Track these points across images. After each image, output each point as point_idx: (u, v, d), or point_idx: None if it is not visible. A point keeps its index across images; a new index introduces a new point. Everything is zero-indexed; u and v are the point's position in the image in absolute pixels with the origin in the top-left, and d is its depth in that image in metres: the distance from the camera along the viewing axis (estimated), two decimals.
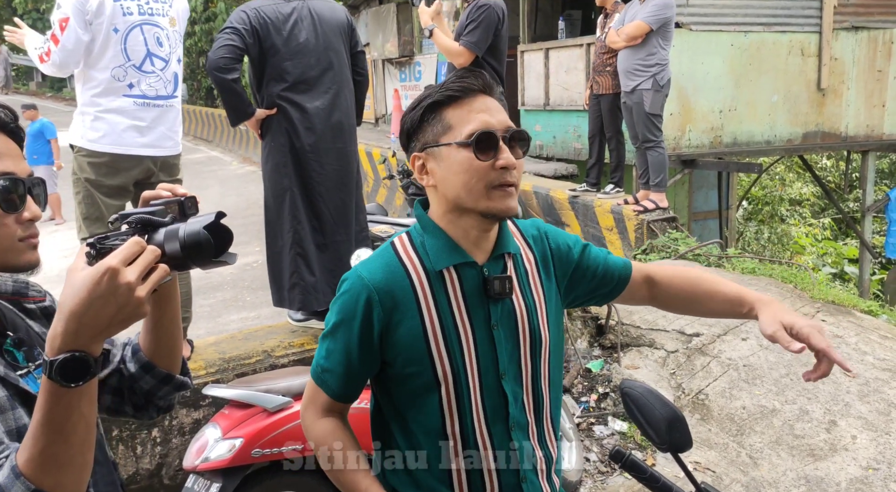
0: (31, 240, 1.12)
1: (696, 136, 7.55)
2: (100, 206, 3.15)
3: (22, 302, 1.22)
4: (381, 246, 1.44)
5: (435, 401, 1.35)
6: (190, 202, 1.10)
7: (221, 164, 14.39)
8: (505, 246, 1.41)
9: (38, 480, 0.90)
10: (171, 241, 0.96)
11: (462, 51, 4.15)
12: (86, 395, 0.92)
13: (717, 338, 4.06)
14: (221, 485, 2.48)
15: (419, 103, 1.37)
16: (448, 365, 1.34)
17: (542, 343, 1.42)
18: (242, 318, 5.55)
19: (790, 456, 3.22)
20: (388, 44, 12.73)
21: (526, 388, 1.41)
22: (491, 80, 1.36)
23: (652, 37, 5.27)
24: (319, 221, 3.44)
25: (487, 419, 1.37)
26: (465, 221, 1.35)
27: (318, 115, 3.41)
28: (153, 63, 3.15)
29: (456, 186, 1.32)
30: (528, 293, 1.43)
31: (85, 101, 3.11)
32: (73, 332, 0.89)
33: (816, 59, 7.98)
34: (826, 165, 14.87)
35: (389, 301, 1.34)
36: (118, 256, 0.90)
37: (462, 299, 1.36)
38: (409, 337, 1.34)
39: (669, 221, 5.74)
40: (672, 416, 1.25)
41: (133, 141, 3.13)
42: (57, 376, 0.88)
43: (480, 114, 1.32)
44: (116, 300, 0.89)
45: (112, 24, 3.04)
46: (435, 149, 1.34)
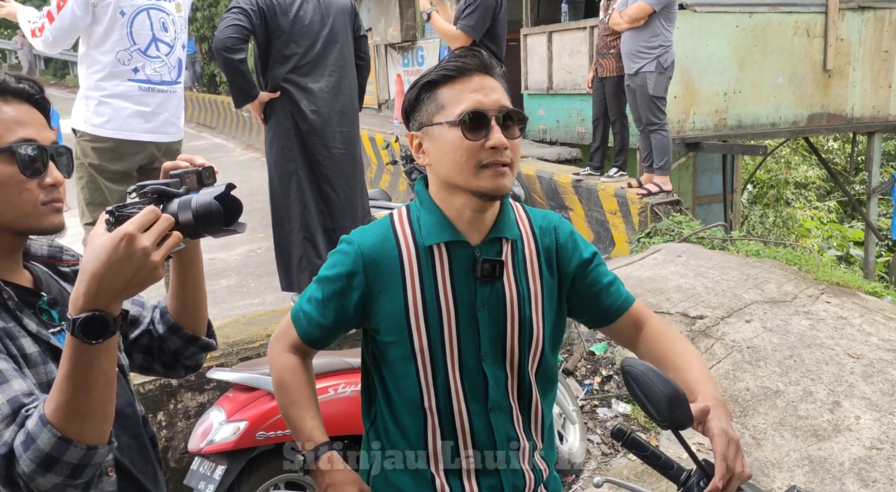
0: (54, 204, 1.18)
1: (700, 118, 7.51)
2: (103, 191, 3.16)
3: (57, 265, 1.31)
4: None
5: (412, 372, 1.38)
6: (207, 172, 1.16)
7: (225, 150, 14.37)
8: (502, 230, 1.39)
9: (64, 428, 0.98)
10: (185, 210, 1.02)
11: (459, 34, 4.13)
12: (105, 351, 0.99)
13: (720, 320, 4.06)
14: (226, 467, 2.50)
15: (416, 83, 1.38)
16: (426, 339, 1.36)
17: (533, 333, 1.41)
18: (247, 304, 5.56)
19: (794, 437, 3.23)
20: (390, 28, 12.66)
21: (511, 373, 1.41)
22: (489, 59, 1.35)
23: (655, 18, 5.22)
24: (328, 204, 3.44)
25: (466, 398, 1.38)
26: (458, 199, 1.35)
27: (324, 97, 3.40)
28: (158, 48, 3.14)
29: (447, 164, 1.32)
30: (523, 281, 1.41)
31: (89, 85, 3.10)
32: (93, 293, 0.96)
33: (822, 39, 7.90)
34: (832, 147, 14.78)
35: (374, 269, 1.37)
36: (135, 223, 0.96)
37: (449, 277, 1.37)
38: (390, 306, 1.36)
39: (673, 204, 5.72)
40: (673, 393, 1.25)
41: (137, 126, 3.12)
42: (79, 333, 0.96)
43: (473, 93, 1.31)
44: (132, 264, 0.95)
45: (119, 7, 3.03)
46: (429, 128, 1.35)
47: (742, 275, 4.62)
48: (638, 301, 1.53)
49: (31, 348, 1.13)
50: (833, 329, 3.96)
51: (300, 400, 1.45)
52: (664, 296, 4.31)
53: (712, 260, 4.91)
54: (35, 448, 0.97)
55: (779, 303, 4.24)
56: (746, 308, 4.17)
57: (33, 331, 1.15)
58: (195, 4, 20.03)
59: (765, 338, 3.88)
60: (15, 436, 0.99)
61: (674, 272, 4.66)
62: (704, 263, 4.86)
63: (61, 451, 0.98)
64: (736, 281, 4.52)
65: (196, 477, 2.55)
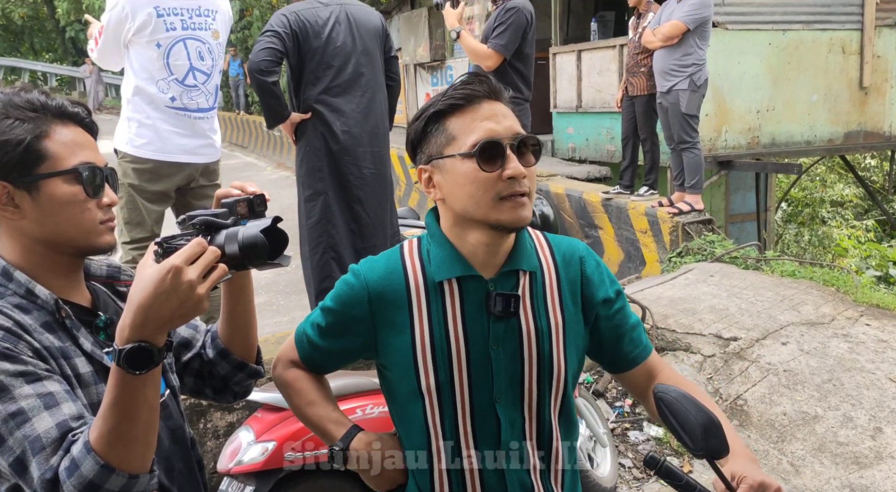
0: (110, 223, 1.23)
1: (732, 136, 7.42)
2: (141, 211, 3.21)
3: (115, 285, 1.35)
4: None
5: (419, 412, 1.31)
6: (259, 200, 1.20)
7: (256, 169, 14.57)
8: (517, 262, 1.31)
9: (107, 455, 0.99)
10: (231, 242, 1.04)
11: (490, 53, 4.13)
12: (150, 381, 1.01)
13: (755, 342, 3.97)
14: (255, 488, 2.49)
15: (422, 113, 1.30)
16: (433, 378, 1.28)
17: (554, 371, 1.32)
18: (276, 322, 5.60)
19: (833, 464, 3.13)
20: (419, 48, 12.77)
21: (529, 416, 1.32)
22: (497, 85, 1.29)
23: (689, 36, 5.19)
24: (359, 224, 3.45)
25: (476, 442, 1.31)
26: (473, 235, 1.28)
27: (355, 118, 3.43)
28: (195, 77, 3.21)
29: (462, 198, 1.24)
30: (542, 315, 1.32)
31: (132, 108, 3.20)
32: (139, 324, 0.98)
33: (858, 56, 7.78)
34: (869, 165, 14.50)
35: (379, 304, 1.31)
36: (182, 256, 0.99)
37: (460, 313, 1.29)
38: (397, 343, 1.31)
39: (705, 223, 5.64)
40: (707, 421, 1.21)
41: (176, 148, 3.20)
42: (124, 363, 0.98)
43: (485, 122, 1.24)
44: (178, 296, 0.98)
45: (154, 40, 3.11)
46: (440, 161, 1.27)
47: (777, 296, 4.52)
48: (654, 353, 1.45)
49: (84, 368, 1.15)
50: (873, 352, 3.84)
51: (316, 399, 1.41)
52: (696, 316, 4.24)
53: (746, 280, 4.82)
54: (79, 475, 0.98)
55: (816, 325, 4.14)
56: (782, 330, 4.08)
57: (88, 350, 1.17)
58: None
59: (802, 361, 3.78)
60: (60, 461, 1.00)
61: (706, 292, 4.58)
62: (738, 283, 4.77)
63: (104, 478, 0.99)
64: (771, 302, 4.42)
65: None
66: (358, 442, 1.35)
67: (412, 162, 1.36)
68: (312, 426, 1.43)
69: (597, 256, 1.44)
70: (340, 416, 1.41)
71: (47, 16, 27.93)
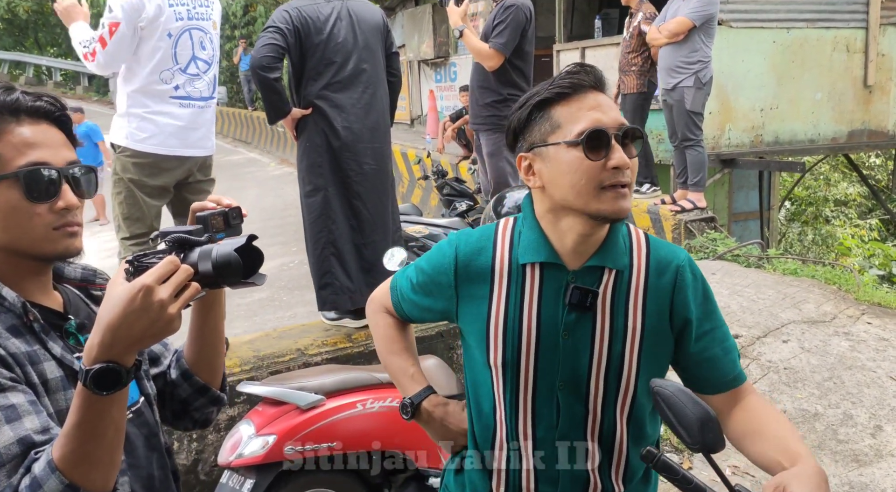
0: (68, 228, 1.15)
1: (736, 134, 7.40)
2: (141, 206, 3.20)
3: (89, 289, 1.30)
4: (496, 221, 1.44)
5: (488, 382, 1.37)
6: (234, 213, 1.20)
7: (259, 165, 14.59)
8: (604, 258, 1.31)
9: (70, 474, 0.97)
10: (205, 260, 1.01)
11: (492, 53, 4.13)
12: (116, 402, 0.98)
13: (756, 340, 3.97)
14: (255, 481, 2.51)
15: (527, 101, 1.30)
16: (500, 355, 1.33)
17: (623, 372, 1.31)
18: (278, 317, 5.61)
19: (833, 461, 3.13)
20: (423, 45, 12.76)
21: (593, 410, 1.33)
22: (602, 76, 1.30)
23: (695, 33, 5.17)
24: (358, 220, 3.45)
25: (534, 423, 1.35)
26: (567, 222, 1.29)
27: (356, 114, 3.43)
28: (197, 66, 3.21)
29: (564, 186, 1.25)
30: (620, 315, 1.31)
31: (131, 103, 3.16)
32: (108, 344, 0.95)
33: (863, 55, 7.75)
34: (874, 164, 14.45)
35: (465, 274, 1.37)
36: (153, 275, 0.95)
37: (537, 299, 1.31)
38: (474, 314, 1.36)
39: (708, 221, 5.64)
40: (704, 415, 1.21)
41: (178, 142, 3.18)
42: (91, 384, 0.95)
43: (591, 111, 1.25)
44: (149, 316, 0.95)
45: (166, 30, 3.10)
46: (543, 149, 1.27)
47: (779, 294, 4.52)
48: (748, 384, 1.37)
49: (53, 373, 1.11)
50: (874, 351, 3.84)
51: (398, 350, 1.55)
52: None
53: (748, 278, 4.82)
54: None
55: (817, 323, 4.14)
56: (784, 328, 4.08)
57: (57, 355, 1.13)
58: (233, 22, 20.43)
59: (803, 359, 3.78)
60: (21, 480, 0.98)
61: None
62: (740, 281, 4.76)
63: None
64: (773, 300, 4.42)
65: (225, 490, 2.55)
66: (428, 403, 1.49)
67: (510, 150, 1.39)
68: (391, 373, 1.56)
69: (699, 270, 1.38)
70: (418, 371, 1.54)
71: (52, 11, 27.97)
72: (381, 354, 1.57)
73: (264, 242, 1.17)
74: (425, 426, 1.52)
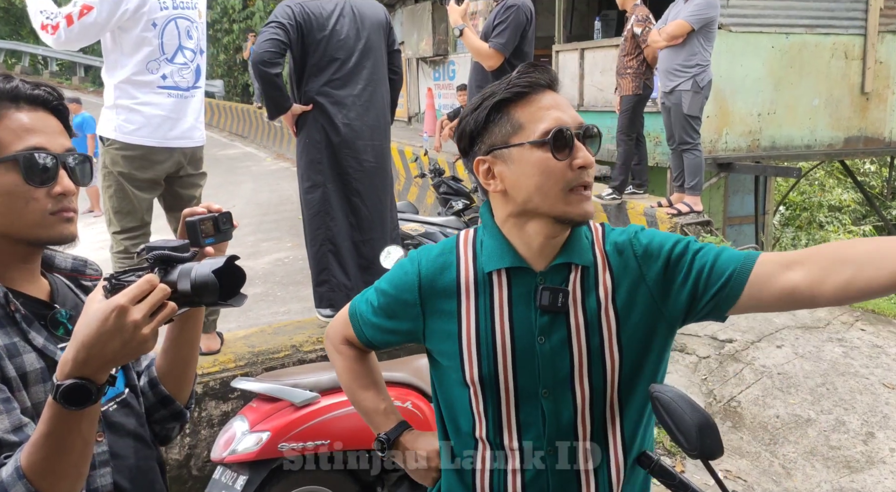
0: (64, 214, 1.15)
1: (732, 139, 7.42)
2: (132, 199, 3.17)
3: (79, 279, 1.28)
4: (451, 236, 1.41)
5: (466, 401, 1.32)
6: (224, 218, 1.20)
7: (256, 160, 14.54)
8: (570, 255, 1.28)
9: (37, 483, 0.97)
10: (184, 280, 1.01)
11: (492, 53, 4.12)
12: (86, 417, 0.98)
13: (750, 344, 3.98)
14: (248, 477, 2.50)
15: (481, 103, 1.26)
16: (476, 369, 1.28)
17: (606, 365, 1.28)
18: (273, 313, 5.60)
19: (825, 467, 3.15)
20: (422, 42, 12.75)
21: (581, 413, 1.29)
22: (556, 75, 1.27)
23: (694, 37, 5.17)
24: (357, 217, 3.45)
25: (520, 434, 1.30)
26: (532, 226, 1.26)
27: (357, 110, 3.42)
28: (184, 54, 3.18)
29: (529, 189, 1.22)
30: (592, 309, 1.28)
31: (119, 94, 3.13)
32: (81, 361, 0.94)
33: (861, 62, 7.78)
34: (868, 170, 14.52)
35: (430, 292, 1.32)
36: (128, 295, 0.95)
37: (507, 306, 1.28)
38: (444, 331, 1.31)
39: (704, 224, 5.65)
40: (703, 421, 1.21)
41: (167, 133, 3.15)
42: (61, 399, 0.94)
43: (551, 110, 1.22)
44: (122, 336, 0.94)
45: (151, 19, 3.07)
46: (504, 150, 1.24)
47: None
48: (765, 254, 1.22)
49: (33, 365, 1.10)
50: (868, 358, 3.86)
51: (368, 384, 1.49)
52: None
53: None
54: None
55: (811, 329, 4.15)
56: (777, 333, 4.09)
57: (39, 346, 1.12)
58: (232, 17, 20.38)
59: (796, 364, 3.79)
60: None
61: None
62: None
63: None
64: None
65: (218, 486, 2.55)
66: (405, 438, 1.46)
67: (463, 155, 1.33)
68: (362, 409, 1.50)
69: (652, 230, 1.35)
70: (390, 405, 1.49)
71: None
72: (349, 390, 1.50)
73: (259, 236, 1.16)
74: (402, 463, 1.48)
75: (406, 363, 2.92)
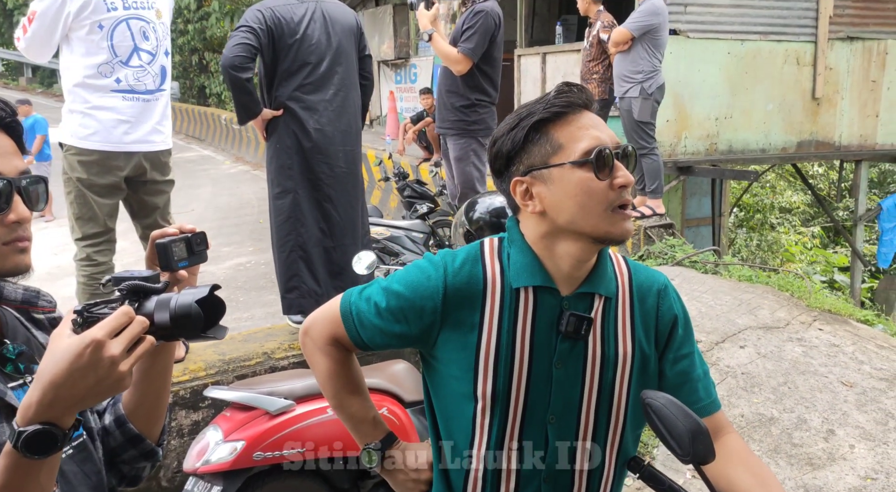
0: (18, 243, 1.04)
1: (691, 142, 7.58)
2: (92, 205, 3.11)
3: (30, 311, 1.17)
4: (472, 243, 1.36)
5: (469, 413, 1.29)
6: (198, 239, 1.12)
7: (214, 163, 14.32)
8: (596, 285, 1.28)
9: None
10: (162, 310, 0.94)
11: (461, 58, 4.15)
12: (46, 465, 0.90)
13: (714, 345, 4.06)
14: (222, 488, 2.46)
15: (518, 123, 1.24)
16: (490, 384, 1.26)
17: (614, 401, 1.29)
18: (235, 318, 5.52)
19: (789, 465, 3.23)
20: (383, 45, 12.71)
21: (582, 446, 1.29)
22: (591, 94, 1.27)
23: (637, 44, 5.25)
24: (328, 223, 3.42)
25: (521, 458, 1.29)
26: (564, 247, 1.25)
27: (328, 116, 3.40)
28: (140, 57, 3.12)
29: (572, 209, 1.21)
30: (611, 342, 1.29)
31: (73, 99, 3.07)
32: (48, 402, 0.87)
33: (811, 68, 8.02)
34: (817, 173, 14.97)
35: (454, 300, 1.27)
36: (105, 328, 0.87)
37: (530, 325, 1.26)
38: (460, 342, 1.27)
39: (666, 227, 5.76)
40: (695, 427, 1.23)
41: (122, 137, 3.08)
42: (23, 447, 0.86)
43: (591, 130, 1.22)
44: (97, 373, 0.87)
45: (96, 22, 3.00)
46: (545, 171, 1.22)
47: (735, 300, 4.64)
48: (722, 412, 1.37)
49: None
50: (826, 357, 3.98)
51: (355, 390, 1.42)
52: None
53: (705, 284, 4.93)
54: None
55: (772, 329, 4.26)
56: (740, 334, 4.18)
57: None
58: (186, 17, 20.00)
59: (759, 364, 3.89)
60: None
61: None
62: (697, 287, 4.87)
63: None
64: (729, 306, 4.53)
65: None
66: (395, 451, 1.41)
67: (496, 176, 1.30)
68: (347, 417, 1.43)
69: (676, 292, 1.38)
70: (377, 415, 1.44)
71: None
72: (335, 396, 1.41)
73: (219, 241, 1.11)
74: (389, 476, 1.43)
75: (381, 369, 2.91)
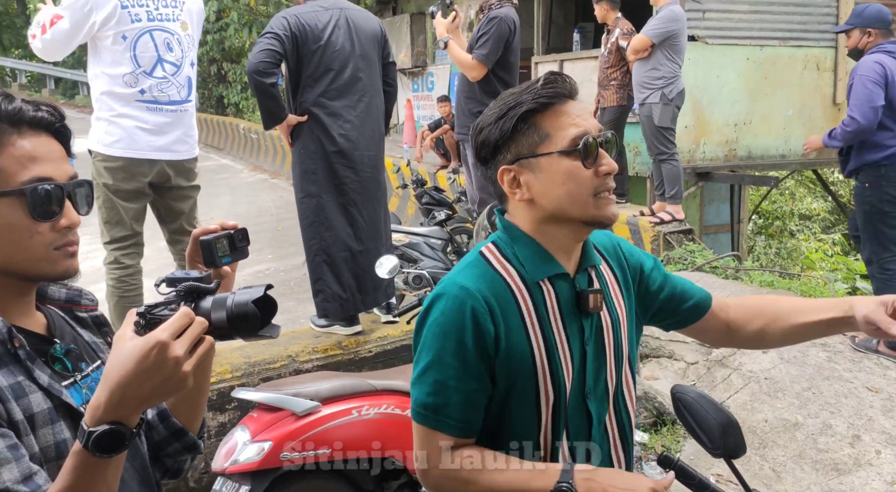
0: (68, 248, 1.08)
1: (710, 148, 7.56)
2: (119, 210, 3.19)
3: (74, 310, 1.21)
4: (467, 255, 1.37)
5: (532, 421, 1.28)
6: (240, 235, 1.14)
7: (232, 171, 14.44)
8: (591, 259, 1.36)
9: None
10: (219, 310, 0.96)
11: (475, 64, 4.18)
12: (114, 464, 0.92)
13: (737, 350, 4.05)
14: (250, 487, 2.49)
15: (506, 113, 1.27)
16: (551, 385, 1.27)
17: (624, 359, 1.36)
18: None
19: (814, 470, 3.21)
20: (400, 54, 12.78)
21: (609, 409, 1.34)
22: (576, 84, 1.31)
23: (657, 50, 5.27)
24: (354, 227, 3.46)
25: (570, 440, 1.31)
26: (560, 231, 1.29)
27: (353, 122, 3.44)
28: (164, 68, 3.18)
29: (559, 196, 1.25)
30: (612, 306, 1.37)
31: (100, 107, 3.16)
32: (116, 403, 0.90)
33: (832, 73, 7.98)
34: (837, 179, 14.84)
35: (498, 311, 1.25)
36: (169, 330, 0.90)
37: (558, 313, 1.29)
38: (517, 352, 1.25)
39: (686, 232, 5.74)
40: (726, 421, 1.25)
41: (147, 145, 3.16)
42: (93, 447, 0.89)
43: (577, 119, 1.26)
44: (162, 374, 0.90)
45: (119, 32, 3.07)
46: (532, 160, 1.26)
47: None
48: (716, 296, 1.50)
49: (40, 406, 1.02)
50: (851, 362, 3.95)
51: (499, 466, 1.26)
52: None
53: (727, 290, 4.91)
54: None
55: None
56: None
57: (45, 385, 1.04)
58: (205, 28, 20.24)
59: (782, 369, 3.87)
60: None
61: None
62: (718, 292, 4.82)
63: None
64: None
65: None
66: (580, 475, 1.21)
67: (482, 164, 1.34)
68: (516, 484, 1.24)
69: (626, 240, 1.51)
70: (537, 461, 1.27)
71: (18, 12, 27.40)
72: (495, 482, 1.24)
73: None
74: None
75: (403, 372, 2.93)
